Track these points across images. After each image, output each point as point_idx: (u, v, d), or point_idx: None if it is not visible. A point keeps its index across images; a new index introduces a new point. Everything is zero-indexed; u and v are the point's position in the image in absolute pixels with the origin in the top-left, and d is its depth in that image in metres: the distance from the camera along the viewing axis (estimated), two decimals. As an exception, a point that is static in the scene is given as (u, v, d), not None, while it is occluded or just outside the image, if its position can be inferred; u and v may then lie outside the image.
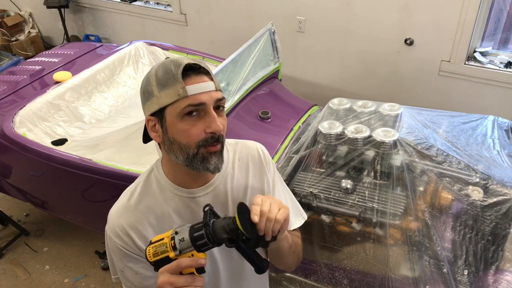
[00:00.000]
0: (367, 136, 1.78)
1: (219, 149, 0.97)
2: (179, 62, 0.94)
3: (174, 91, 0.92)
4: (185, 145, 0.95)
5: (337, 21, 2.93)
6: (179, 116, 0.93)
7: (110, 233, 1.05)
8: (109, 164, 1.96)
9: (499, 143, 1.87)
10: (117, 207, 1.07)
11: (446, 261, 1.55)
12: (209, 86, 0.94)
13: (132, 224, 1.04)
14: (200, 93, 0.93)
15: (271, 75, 2.48)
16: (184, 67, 0.93)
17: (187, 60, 0.95)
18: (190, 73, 0.93)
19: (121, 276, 1.10)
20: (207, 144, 0.95)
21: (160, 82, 0.94)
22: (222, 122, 0.97)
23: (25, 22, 4.67)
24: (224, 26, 3.48)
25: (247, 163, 1.14)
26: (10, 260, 2.67)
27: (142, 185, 1.08)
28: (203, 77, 0.95)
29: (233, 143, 1.17)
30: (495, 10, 2.58)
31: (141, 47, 2.96)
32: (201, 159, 0.96)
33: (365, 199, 1.71)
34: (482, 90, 2.67)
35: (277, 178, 1.20)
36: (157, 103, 0.95)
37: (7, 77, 2.81)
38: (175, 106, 0.93)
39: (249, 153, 1.15)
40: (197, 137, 0.94)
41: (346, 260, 1.77)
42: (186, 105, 0.92)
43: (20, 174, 2.41)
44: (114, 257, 1.08)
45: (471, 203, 1.59)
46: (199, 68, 0.95)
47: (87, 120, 2.54)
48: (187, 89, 0.92)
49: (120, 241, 1.04)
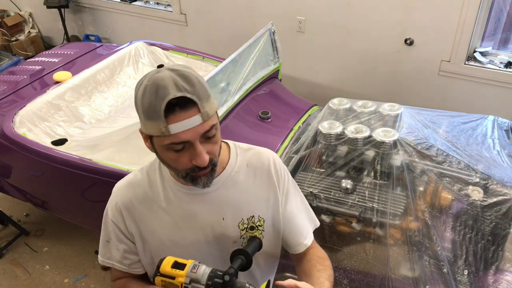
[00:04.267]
0: (367, 136, 1.78)
1: (208, 172, 0.98)
2: (162, 94, 0.86)
3: (157, 127, 0.89)
4: (174, 169, 0.98)
5: (337, 21, 2.93)
6: (164, 148, 0.93)
7: (108, 205, 1.12)
8: (109, 164, 1.96)
9: (499, 143, 1.87)
10: (120, 184, 1.13)
11: (446, 261, 1.55)
12: (194, 121, 0.88)
13: (126, 203, 1.09)
14: (183, 131, 0.88)
15: (271, 75, 2.48)
16: (169, 102, 0.86)
17: (173, 91, 0.86)
18: (176, 109, 0.87)
19: (103, 247, 1.15)
20: (195, 171, 0.96)
21: (145, 112, 0.91)
22: (212, 149, 0.96)
23: (25, 22, 4.67)
24: (224, 26, 3.48)
25: (255, 170, 1.12)
26: (10, 260, 2.66)
27: (146, 169, 1.12)
28: (189, 112, 0.88)
29: (245, 148, 1.16)
30: (495, 10, 2.58)
31: (141, 47, 2.96)
32: (190, 179, 0.98)
33: (365, 199, 1.71)
34: (482, 90, 2.67)
35: (292, 187, 1.17)
36: (145, 128, 0.94)
37: (7, 77, 2.81)
38: (159, 139, 0.92)
39: (259, 161, 1.14)
40: (185, 166, 0.95)
41: (346, 260, 1.77)
42: (169, 142, 0.90)
43: (20, 174, 2.41)
44: (104, 228, 1.14)
45: (471, 203, 1.59)
46: (186, 100, 0.87)
47: (87, 120, 2.54)
48: (169, 128, 0.88)
49: (112, 215, 1.10)
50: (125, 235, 1.11)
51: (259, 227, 1.11)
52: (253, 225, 1.11)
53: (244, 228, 1.10)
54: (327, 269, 1.12)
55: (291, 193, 1.16)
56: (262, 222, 1.11)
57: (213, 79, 1.99)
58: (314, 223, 1.23)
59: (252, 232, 1.11)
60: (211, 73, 1.98)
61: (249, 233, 1.11)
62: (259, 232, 1.11)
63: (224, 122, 2.07)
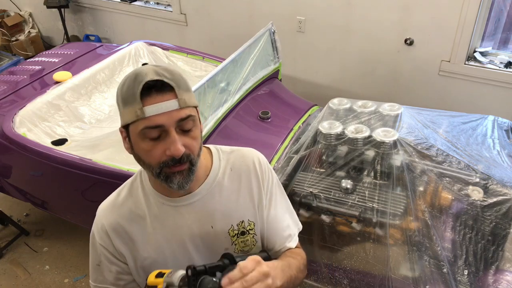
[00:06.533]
0: (367, 136, 1.78)
1: (184, 169, 0.93)
2: (140, 79, 0.88)
3: (133, 111, 0.88)
4: (148, 164, 0.94)
5: (337, 21, 2.93)
6: (139, 136, 0.91)
7: (93, 229, 1.09)
8: (109, 164, 1.96)
9: (499, 143, 1.87)
10: (103, 206, 1.09)
11: (446, 261, 1.55)
12: (170, 105, 0.88)
13: (113, 225, 1.05)
14: (158, 114, 0.87)
15: (271, 75, 2.48)
16: (146, 84, 0.87)
17: (150, 75, 0.88)
18: (152, 91, 0.88)
19: (94, 271, 1.11)
20: (169, 165, 0.92)
21: (123, 98, 0.91)
22: (188, 142, 0.92)
23: (25, 22, 4.67)
24: (224, 26, 3.48)
25: (240, 173, 1.09)
26: (10, 260, 2.66)
27: (128, 187, 1.09)
28: (165, 95, 0.88)
29: (228, 151, 1.12)
30: (495, 10, 2.58)
31: (141, 47, 2.96)
32: (164, 177, 0.94)
33: (365, 199, 1.71)
34: (482, 90, 2.67)
35: (276, 188, 1.14)
36: (122, 118, 0.93)
37: (7, 77, 2.81)
38: (135, 125, 0.90)
39: (243, 163, 1.10)
40: (158, 159, 0.91)
41: (346, 260, 1.77)
42: (143, 127, 0.89)
43: (20, 174, 2.41)
44: (92, 251, 1.10)
45: (471, 203, 1.59)
46: (162, 84, 0.88)
47: (87, 120, 2.54)
48: (144, 110, 0.87)
49: (99, 239, 1.07)
50: (115, 257, 1.08)
51: (250, 231, 1.09)
52: (244, 230, 1.08)
53: (235, 235, 1.07)
54: (297, 257, 1.09)
55: (275, 195, 1.13)
56: (252, 226, 1.09)
57: (213, 79, 1.99)
58: (298, 226, 1.20)
59: (243, 237, 1.08)
60: (211, 73, 1.98)
61: (240, 239, 1.08)
62: (250, 236, 1.09)
63: (224, 122, 2.07)
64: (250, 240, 1.09)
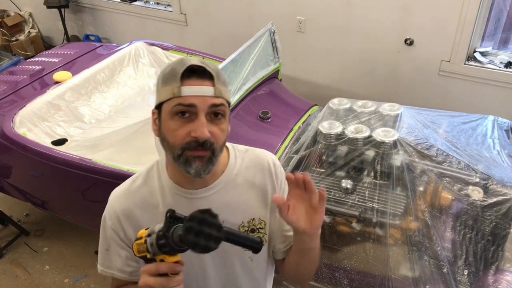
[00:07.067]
0: (367, 136, 1.78)
1: (205, 155, 0.95)
2: (185, 62, 0.94)
3: (171, 89, 0.93)
4: (171, 144, 0.95)
5: (337, 21, 2.93)
6: (170, 114, 0.94)
7: (105, 213, 1.10)
8: (109, 164, 1.96)
9: (499, 143, 1.87)
10: (117, 191, 1.11)
11: (446, 261, 1.55)
12: (206, 90, 0.93)
13: (125, 211, 1.07)
14: (193, 95, 0.92)
15: (271, 75, 2.48)
16: (188, 68, 0.92)
17: (195, 62, 0.94)
18: (192, 75, 0.93)
19: (103, 255, 1.13)
20: (191, 148, 0.93)
21: (164, 78, 0.96)
22: (215, 130, 0.95)
23: (25, 22, 4.67)
24: (224, 26, 3.48)
25: (255, 173, 1.11)
26: (10, 260, 2.66)
27: (144, 175, 1.10)
28: (204, 81, 0.93)
29: (243, 150, 1.14)
30: (495, 10, 2.58)
31: (141, 47, 2.96)
32: (184, 160, 0.95)
33: (365, 199, 1.71)
34: (482, 90, 2.67)
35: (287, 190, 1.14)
36: (158, 97, 0.97)
37: (7, 77, 2.81)
38: (169, 103, 0.94)
39: (258, 163, 1.12)
40: (182, 139, 0.93)
41: (346, 260, 1.77)
42: (176, 103, 0.92)
43: (20, 174, 2.41)
44: (102, 236, 1.12)
45: (471, 203, 1.60)
46: (203, 71, 0.94)
47: (87, 120, 2.54)
48: (181, 89, 0.92)
49: (111, 223, 1.08)
50: (125, 243, 1.09)
51: (261, 230, 1.10)
52: (254, 227, 1.10)
53: (245, 231, 1.09)
54: None
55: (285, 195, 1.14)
56: (263, 225, 1.11)
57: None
58: None
59: (253, 235, 1.09)
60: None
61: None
62: (261, 234, 1.11)
63: (224, 122, 2.06)
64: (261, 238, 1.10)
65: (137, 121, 2.24)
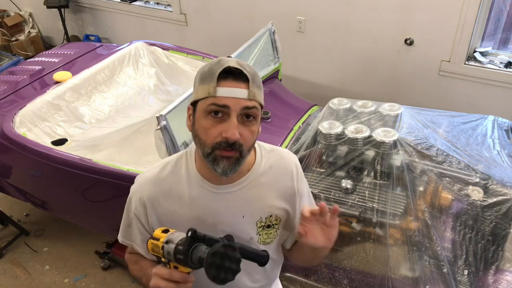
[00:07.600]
0: (367, 136, 1.78)
1: (233, 156, 0.98)
2: (222, 63, 0.96)
3: (207, 88, 0.96)
4: (203, 142, 0.99)
5: (337, 21, 2.93)
6: (204, 112, 0.97)
7: (132, 195, 1.14)
8: (109, 164, 1.96)
9: (499, 143, 1.87)
10: (145, 177, 1.14)
11: (446, 261, 1.55)
12: (241, 93, 0.95)
13: (152, 198, 1.10)
14: (228, 97, 0.94)
15: (271, 75, 2.48)
16: (225, 69, 0.95)
17: (232, 63, 0.96)
18: (229, 76, 0.96)
19: (124, 229, 1.18)
20: (220, 148, 0.97)
21: (202, 77, 0.98)
22: (245, 132, 0.97)
23: (25, 22, 4.67)
24: (224, 26, 3.48)
25: (278, 173, 1.14)
26: (10, 260, 2.66)
27: (172, 164, 1.13)
28: (239, 83, 0.96)
29: (268, 149, 1.17)
30: (495, 10, 2.58)
31: (141, 47, 2.96)
32: (213, 159, 0.99)
33: (365, 199, 1.71)
34: (482, 90, 2.67)
35: (305, 192, 1.20)
36: (195, 95, 1.00)
37: (7, 77, 2.81)
38: (204, 102, 0.97)
39: (282, 164, 1.16)
40: (213, 138, 0.97)
41: (346, 260, 1.77)
42: (210, 103, 0.95)
43: (20, 174, 2.41)
44: (126, 213, 1.16)
45: (471, 203, 1.60)
46: (240, 73, 0.96)
47: (87, 120, 2.54)
48: (217, 90, 0.95)
49: (135, 207, 1.12)
50: (145, 229, 1.14)
51: (275, 225, 1.15)
52: (270, 223, 1.14)
53: (262, 226, 1.13)
54: None
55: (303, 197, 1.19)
56: (278, 221, 1.15)
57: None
58: None
59: (268, 230, 1.14)
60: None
61: (265, 231, 1.14)
62: (274, 230, 1.15)
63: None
64: (273, 234, 1.16)
65: (137, 121, 2.24)
